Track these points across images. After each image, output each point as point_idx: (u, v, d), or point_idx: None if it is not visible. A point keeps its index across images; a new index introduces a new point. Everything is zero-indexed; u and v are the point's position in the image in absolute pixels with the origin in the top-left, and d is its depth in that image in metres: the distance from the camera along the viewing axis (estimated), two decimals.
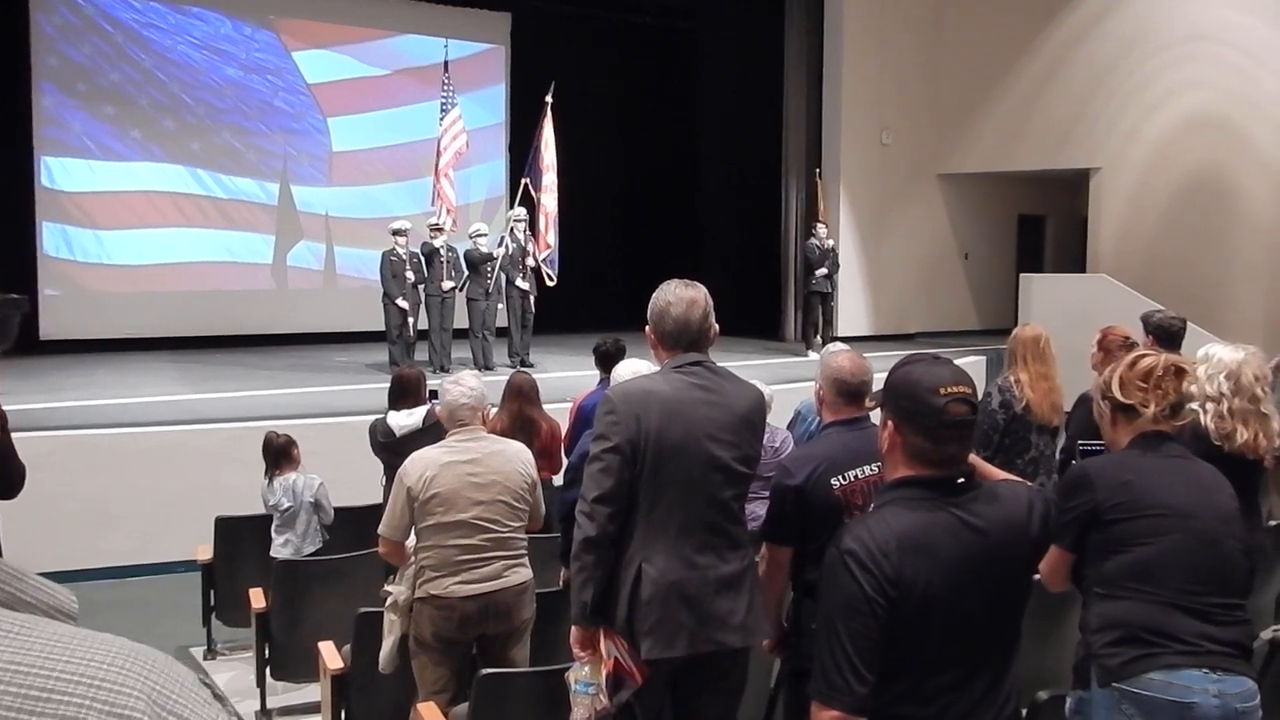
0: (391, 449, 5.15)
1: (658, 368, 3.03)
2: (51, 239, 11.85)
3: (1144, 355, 2.76)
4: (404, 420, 5.35)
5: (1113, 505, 2.54)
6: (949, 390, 2.01)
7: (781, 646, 3.18)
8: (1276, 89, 12.42)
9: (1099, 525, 2.55)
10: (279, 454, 5.37)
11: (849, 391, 3.13)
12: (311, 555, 5.18)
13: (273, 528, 5.33)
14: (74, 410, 7.97)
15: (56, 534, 6.66)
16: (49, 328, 11.66)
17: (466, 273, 10.52)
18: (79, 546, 6.75)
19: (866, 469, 2.96)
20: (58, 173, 11.86)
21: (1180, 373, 2.67)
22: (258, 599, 4.86)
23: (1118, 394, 2.69)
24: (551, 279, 10.99)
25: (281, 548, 5.27)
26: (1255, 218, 12.67)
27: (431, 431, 4.10)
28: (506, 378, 5.91)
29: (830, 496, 2.94)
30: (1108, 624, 2.53)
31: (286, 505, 5.25)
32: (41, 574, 1.19)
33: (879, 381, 2.38)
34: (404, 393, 5.49)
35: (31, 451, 3.99)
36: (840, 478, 2.96)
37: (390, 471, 4.86)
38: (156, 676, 0.84)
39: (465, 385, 3.74)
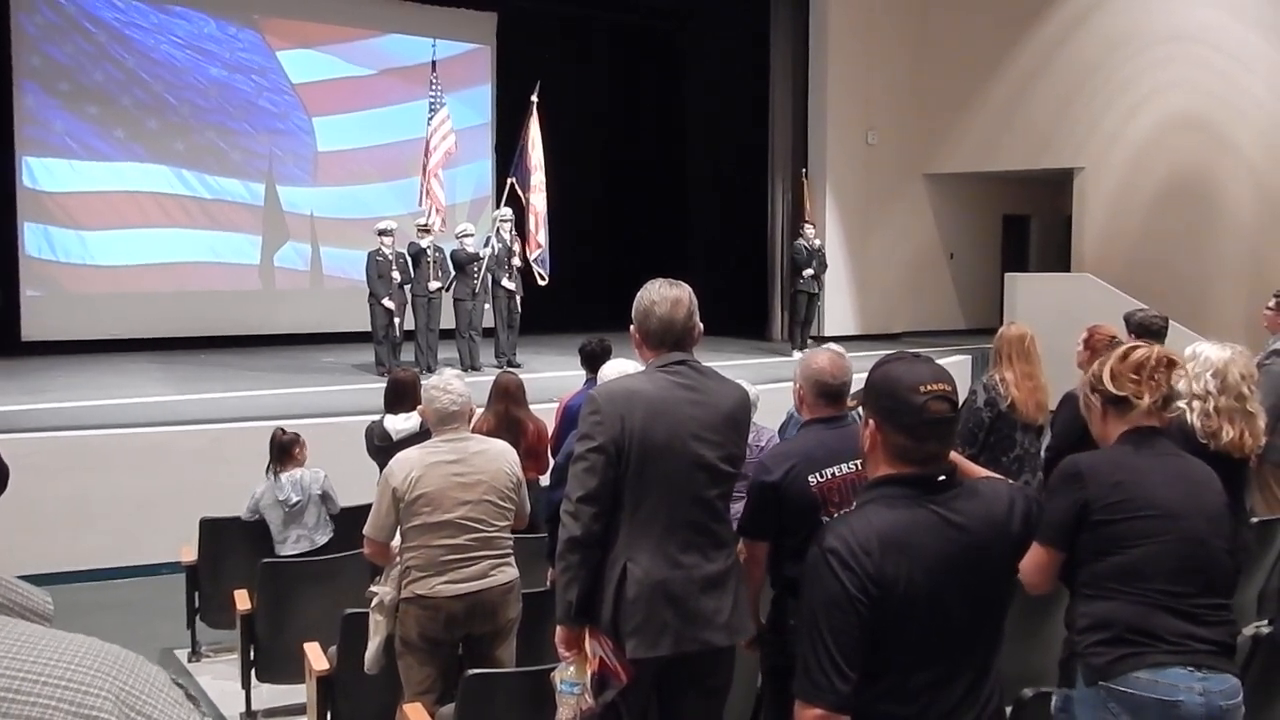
0: (388, 453, 5.10)
1: (643, 367, 3.03)
2: (33, 239, 11.77)
3: (1135, 347, 2.73)
4: (401, 424, 5.32)
5: (1104, 505, 2.53)
6: (929, 388, 2.01)
7: (760, 643, 3.18)
8: (1258, 91, 12.51)
9: (1089, 525, 2.53)
10: (283, 451, 5.40)
11: (829, 392, 3.14)
12: (311, 551, 5.20)
13: (275, 530, 5.31)
14: (57, 411, 7.93)
15: (39, 535, 6.63)
16: (31, 329, 11.61)
17: (453, 273, 10.50)
18: (62, 548, 6.71)
19: (844, 466, 2.97)
20: (40, 173, 11.78)
21: (1171, 364, 2.66)
22: (243, 600, 4.84)
23: (1109, 386, 2.66)
24: (543, 278, 10.97)
25: (294, 545, 5.26)
26: (1236, 218, 12.75)
27: (429, 436, 4.07)
28: (493, 378, 5.89)
29: (807, 493, 2.96)
30: (1095, 623, 2.54)
31: (295, 500, 5.25)
32: (24, 576, 1.18)
33: (859, 381, 2.38)
34: (401, 396, 5.44)
35: (13, 453, 3.97)
36: (818, 475, 2.97)
37: None
38: (125, 676, 0.84)
39: (453, 392, 3.72)
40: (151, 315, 12.09)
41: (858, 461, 2.78)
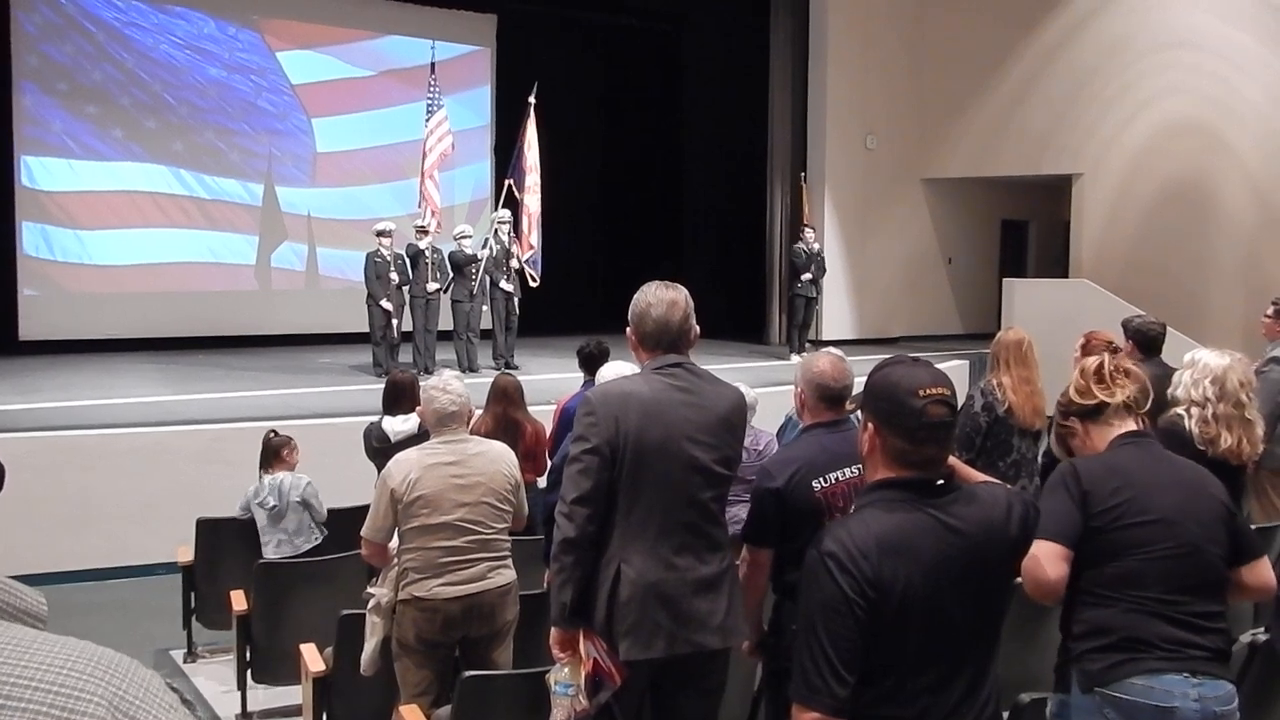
0: (387, 455, 5.09)
1: (640, 370, 3.02)
2: (31, 239, 11.76)
3: (1085, 360, 2.82)
4: (399, 426, 5.32)
5: (1101, 511, 2.53)
6: (928, 392, 2.01)
7: (761, 648, 3.18)
8: (1255, 95, 12.53)
9: (1086, 532, 2.53)
10: (271, 454, 5.43)
11: (830, 396, 3.13)
12: (306, 553, 5.21)
13: (260, 530, 5.33)
14: (53, 411, 7.92)
15: (35, 535, 6.62)
16: (28, 328, 11.59)
17: (451, 275, 10.49)
18: (58, 548, 6.70)
19: (847, 471, 2.96)
20: (38, 172, 11.77)
21: (1128, 372, 2.73)
22: (239, 601, 4.83)
23: (1080, 400, 2.72)
24: (534, 280, 10.97)
25: (275, 549, 5.27)
26: (1234, 223, 12.77)
27: (427, 437, 4.08)
28: (491, 380, 5.89)
29: (811, 499, 2.95)
30: (1091, 629, 2.54)
31: (272, 504, 5.27)
32: (20, 576, 1.18)
33: (860, 384, 2.38)
34: (398, 398, 5.43)
35: (10, 452, 3.97)
36: (821, 480, 2.96)
37: None
38: (119, 681, 0.83)
39: (452, 392, 3.71)
40: (149, 315, 12.07)
41: (859, 465, 2.78)
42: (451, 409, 3.69)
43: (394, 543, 3.72)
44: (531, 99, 10.95)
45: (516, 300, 10.79)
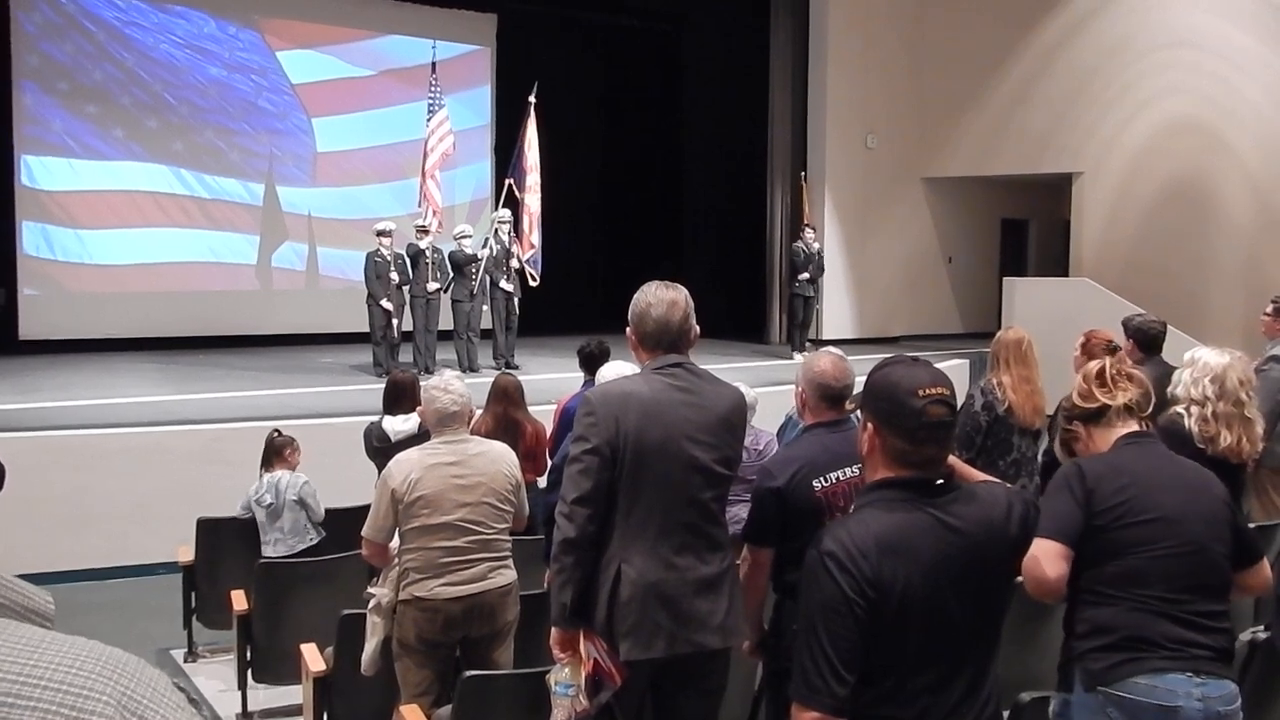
0: (387, 454, 5.09)
1: (640, 369, 3.02)
2: (31, 238, 11.76)
3: (1088, 364, 2.83)
4: (399, 425, 5.32)
5: (1105, 509, 2.53)
6: (928, 392, 2.01)
7: (761, 648, 3.18)
8: (1255, 95, 12.53)
9: (1090, 531, 2.53)
10: (273, 453, 5.48)
11: (831, 395, 3.13)
12: (303, 552, 5.23)
13: (260, 528, 5.37)
14: (54, 410, 7.92)
15: (36, 535, 6.62)
16: (28, 327, 11.60)
17: (451, 274, 10.50)
18: (58, 547, 6.70)
19: (848, 470, 2.96)
20: (38, 171, 11.77)
21: (1130, 376, 2.74)
22: (239, 601, 4.83)
23: (1083, 403, 2.73)
24: (534, 279, 10.98)
25: (273, 547, 5.31)
26: (1234, 223, 12.78)
27: (427, 437, 4.09)
28: (491, 379, 5.89)
29: (812, 498, 2.95)
30: (1094, 628, 2.53)
31: (269, 501, 5.31)
32: (20, 575, 1.18)
33: (860, 384, 2.38)
34: (399, 397, 5.43)
35: (10, 452, 3.97)
36: (822, 479, 2.96)
37: None
38: (127, 681, 0.83)
39: (453, 392, 3.71)
40: (149, 315, 12.08)
41: (860, 465, 2.79)
42: (452, 409, 3.69)
43: (395, 543, 3.72)
44: (531, 99, 10.95)
45: (516, 300, 10.79)
